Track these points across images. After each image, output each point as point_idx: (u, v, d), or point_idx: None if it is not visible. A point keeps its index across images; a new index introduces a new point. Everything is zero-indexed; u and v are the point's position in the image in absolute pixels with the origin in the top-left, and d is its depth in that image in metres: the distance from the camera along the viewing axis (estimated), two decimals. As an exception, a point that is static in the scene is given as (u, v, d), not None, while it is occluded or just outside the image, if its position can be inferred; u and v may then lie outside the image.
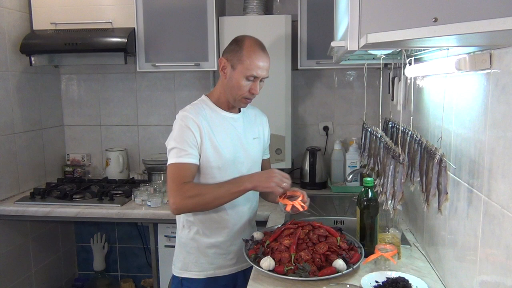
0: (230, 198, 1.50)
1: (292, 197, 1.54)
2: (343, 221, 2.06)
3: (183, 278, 1.66)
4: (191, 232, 1.64)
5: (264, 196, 1.82)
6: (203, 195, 1.47)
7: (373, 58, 1.74)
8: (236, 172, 1.58)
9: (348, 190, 2.48)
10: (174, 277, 1.71)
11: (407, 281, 1.31)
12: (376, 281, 1.34)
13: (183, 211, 1.56)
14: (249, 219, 1.71)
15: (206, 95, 1.66)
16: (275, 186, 1.46)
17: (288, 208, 1.52)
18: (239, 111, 1.68)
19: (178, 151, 1.50)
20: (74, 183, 2.68)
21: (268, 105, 1.80)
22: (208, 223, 1.62)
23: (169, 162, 1.51)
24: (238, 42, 1.57)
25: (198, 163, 1.53)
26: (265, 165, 1.81)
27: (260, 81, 1.56)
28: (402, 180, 1.25)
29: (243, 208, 1.66)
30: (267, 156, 1.84)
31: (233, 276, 1.67)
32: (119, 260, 3.09)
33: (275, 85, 2.37)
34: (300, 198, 1.53)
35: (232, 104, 1.61)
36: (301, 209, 1.53)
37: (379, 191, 1.44)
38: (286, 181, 1.48)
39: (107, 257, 3.05)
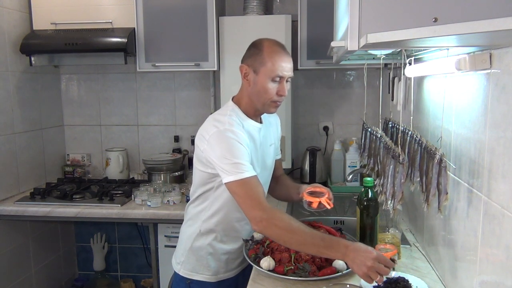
0: (314, 253, 1.34)
1: (315, 193, 1.51)
2: (343, 221, 2.06)
3: (192, 281, 1.62)
4: (208, 238, 1.58)
5: (280, 193, 1.79)
6: (292, 233, 1.32)
7: (373, 58, 1.74)
8: (262, 179, 1.52)
9: (348, 190, 2.48)
10: (179, 277, 1.65)
11: (407, 281, 1.31)
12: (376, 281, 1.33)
13: (265, 233, 1.42)
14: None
15: (233, 101, 1.57)
16: (367, 278, 1.22)
17: (315, 205, 1.50)
18: (261, 120, 1.62)
19: (241, 166, 1.39)
20: (74, 183, 2.68)
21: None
22: (228, 231, 1.59)
23: (235, 177, 1.38)
24: (256, 46, 1.51)
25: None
26: (277, 165, 1.76)
27: (286, 81, 1.51)
28: (402, 180, 1.25)
29: None
30: (279, 157, 1.80)
31: (235, 276, 1.68)
32: (119, 260, 3.09)
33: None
34: (326, 196, 1.51)
35: (261, 110, 1.54)
36: (328, 207, 1.51)
37: (379, 191, 1.44)
38: (382, 273, 1.21)
39: (107, 257, 3.05)
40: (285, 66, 1.48)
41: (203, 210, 1.58)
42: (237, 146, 1.42)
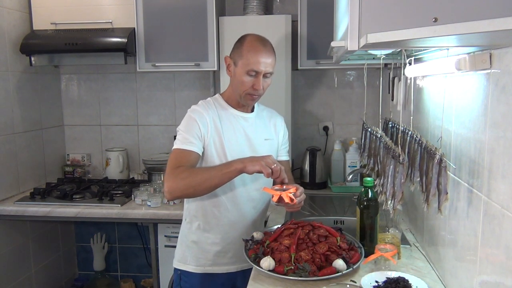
0: (221, 179, 1.43)
1: (283, 189, 1.44)
2: (343, 221, 2.06)
3: (181, 271, 1.69)
4: (193, 226, 1.66)
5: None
6: (195, 175, 1.44)
7: (373, 58, 1.74)
8: None
9: (348, 190, 2.48)
10: (174, 269, 1.74)
11: (407, 281, 1.31)
12: (376, 281, 1.34)
13: (176, 194, 1.49)
14: (253, 221, 1.69)
15: (220, 94, 1.70)
16: (265, 166, 1.38)
17: (275, 199, 1.42)
18: (252, 110, 1.68)
19: (182, 138, 1.52)
20: (74, 183, 2.68)
21: (268, 105, 1.81)
22: (209, 218, 1.64)
23: (173, 147, 1.54)
24: (240, 40, 1.60)
25: (199, 152, 1.53)
26: (285, 167, 1.65)
27: (265, 77, 1.56)
28: (402, 180, 1.25)
29: (245, 206, 1.65)
30: (286, 158, 1.79)
31: (232, 275, 1.68)
32: (119, 260, 3.09)
33: (275, 85, 2.35)
34: (290, 190, 1.43)
35: (240, 101, 1.62)
36: (289, 201, 1.40)
37: (379, 191, 1.44)
38: (277, 165, 1.42)
39: (107, 257, 3.05)
40: (261, 62, 1.52)
41: (187, 201, 1.69)
42: (189, 122, 1.54)
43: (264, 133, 1.69)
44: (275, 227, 1.68)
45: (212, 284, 1.67)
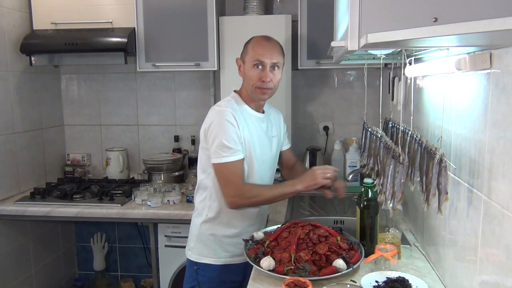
0: (282, 198, 1.68)
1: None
2: (343, 221, 2.06)
3: (198, 265, 1.73)
4: (215, 221, 1.71)
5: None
6: (261, 196, 1.60)
7: (373, 58, 1.74)
8: (261, 169, 1.69)
9: (348, 190, 2.46)
10: (189, 261, 1.77)
11: (407, 281, 1.31)
12: (376, 281, 1.34)
13: (239, 208, 1.66)
14: (266, 212, 1.87)
15: (235, 91, 1.74)
16: (323, 180, 1.58)
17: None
18: (263, 112, 1.75)
19: (227, 148, 1.57)
20: (74, 183, 2.68)
21: (272, 106, 1.84)
22: (234, 213, 1.69)
23: (220, 160, 1.58)
24: (247, 41, 1.69)
25: (244, 155, 1.61)
26: (288, 154, 1.93)
27: (273, 70, 1.62)
28: (402, 180, 1.25)
29: None
30: (288, 146, 1.94)
31: (246, 264, 1.68)
32: (119, 260, 3.09)
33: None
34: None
35: (252, 97, 1.67)
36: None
37: (378, 191, 1.44)
38: (328, 171, 1.60)
39: (107, 257, 3.05)
40: (265, 53, 1.60)
41: (205, 199, 1.71)
42: (226, 126, 1.57)
43: (272, 131, 1.78)
44: (275, 227, 1.68)
45: (228, 274, 1.74)
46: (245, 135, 1.62)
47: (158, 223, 2.34)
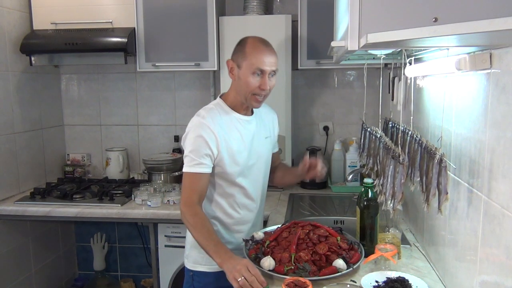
0: (207, 252, 1.48)
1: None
2: (343, 221, 2.06)
3: (194, 272, 1.71)
4: None
5: (280, 180, 1.91)
6: (191, 229, 1.52)
7: (373, 58, 1.74)
8: (250, 173, 1.65)
9: (348, 190, 2.48)
10: (186, 269, 1.77)
11: (407, 281, 1.31)
12: (376, 281, 1.34)
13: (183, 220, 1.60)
14: (260, 216, 1.81)
15: (221, 97, 1.67)
16: (233, 280, 1.32)
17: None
18: (252, 112, 1.69)
19: (190, 160, 1.55)
20: (74, 183, 2.68)
21: (268, 105, 1.82)
22: (228, 221, 1.68)
23: (184, 169, 1.58)
24: (241, 43, 1.60)
25: (210, 170, 1.57)
26: (275, 158, 1.86)
27: (271, 77, 1.57)
28: (402, 180, 1.25)
29: (261, 205, 1.77)
30: (276, 149, 1.88)
31: None
32: (119, 260, 3.09)
33: (275, 85, 2.37)
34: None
35: (246, 104, 1.61)
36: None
37: (378, 191, 1.44)
38: (253, 284, 1.29)
39: (107, 257, 3.05)
40: (266, 61, 1.54)
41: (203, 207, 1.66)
42: (197, 140, 1.53)
43: (264, 132, 1.73)
44: (275, 227, 1.68)
45: (225, 280, 1.67)
46: (229, 143, 1.57)
47: (158, 223, 2.34)
